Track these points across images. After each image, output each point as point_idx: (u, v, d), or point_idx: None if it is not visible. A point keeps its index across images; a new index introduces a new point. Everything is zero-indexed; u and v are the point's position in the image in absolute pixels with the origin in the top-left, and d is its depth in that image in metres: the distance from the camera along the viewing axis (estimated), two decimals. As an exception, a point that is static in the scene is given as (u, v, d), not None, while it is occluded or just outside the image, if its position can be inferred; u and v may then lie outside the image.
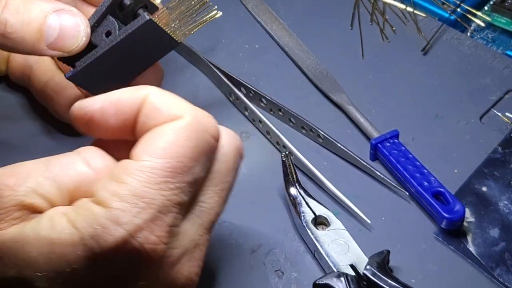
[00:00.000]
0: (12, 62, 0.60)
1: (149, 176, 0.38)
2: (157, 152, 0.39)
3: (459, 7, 0.70)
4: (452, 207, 0.52)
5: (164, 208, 0.38)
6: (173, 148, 0.39)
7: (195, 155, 0.40)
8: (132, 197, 0.38)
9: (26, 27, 0.46)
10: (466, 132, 0.60)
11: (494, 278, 0.50)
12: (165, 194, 0.38)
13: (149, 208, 0.38)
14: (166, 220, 0.39)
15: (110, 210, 0.38)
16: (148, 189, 0.38)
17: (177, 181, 0.39)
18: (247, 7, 0.71)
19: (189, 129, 0.40)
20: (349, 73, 0.65)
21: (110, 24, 0.49)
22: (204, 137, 0.41)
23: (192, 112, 0.41)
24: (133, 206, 0.38)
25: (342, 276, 0.48)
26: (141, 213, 0.38)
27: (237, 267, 0.52)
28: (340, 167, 0.57)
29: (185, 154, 0.39)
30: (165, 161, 0.39)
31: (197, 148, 0.40)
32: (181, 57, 0.67)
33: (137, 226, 0.38)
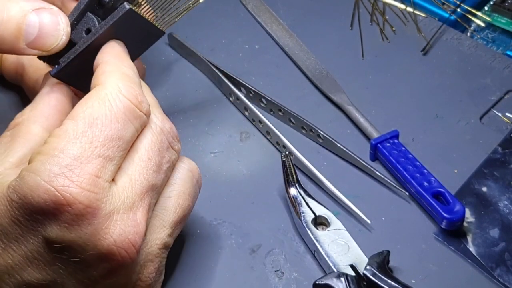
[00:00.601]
0: (5, 61, 0.60)
1: (67, 133, 0.41)
2: (74, 116, 0.42)
3: (459, 7, 0.70)
4: (452, 207, 0.52)
5: (82, 158, 0.41)
6: (89, 108, 0.43)
7: (111, 113, 0.43)
8: (50, 150, 0.41)
9: (4, 25, 0.46)
10: (466, 132, 0.60)
11: (494, 278, 0.50)
12: (82, 145, 0.41)
13: (64, 156, 0.41)
14: (86, 169, 0.41)
15: (31, 164, 0.41)
16: (65, 142, 0.41)
17: (94, 134, 0.42)
18: (247, 7, 0.71)
19: (105, 92, 0.43)
20: (349, 73, 0.65)
21: (90, 21, 0.48)
22: (121, 99, 0.43)
23: (112, 80, 0.44)
24: (49, 157, 0.41)
25: (342, 276, 0.48)
26: (56, 161, 0.40)
27: (237, 267, 0.52)
28: (340, 167, 0.57)
29: (100, 113, 0.42)
30: (81, 120, 0.42)
31: (113, 107, 0.43)
32: (181, 57, 0.67)
33: (50, 172, 0.40)
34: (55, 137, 0.42)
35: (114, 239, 0.41)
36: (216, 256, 0.52)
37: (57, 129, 0.42)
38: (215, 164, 0.58)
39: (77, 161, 0.41)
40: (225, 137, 0.60)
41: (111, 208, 0.41)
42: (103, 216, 0.41)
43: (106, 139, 0.42)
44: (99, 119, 0.42)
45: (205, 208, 0.55)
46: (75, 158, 0.41)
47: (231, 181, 0.57)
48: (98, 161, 0.41)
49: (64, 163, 0.40)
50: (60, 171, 0.40)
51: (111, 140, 0.42)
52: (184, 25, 0.69)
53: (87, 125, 0.42)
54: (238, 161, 0.58)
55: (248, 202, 0.56)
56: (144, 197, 0.43)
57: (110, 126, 0.42)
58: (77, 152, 0.41)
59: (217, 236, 0.53)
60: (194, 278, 0.51)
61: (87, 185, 0.40)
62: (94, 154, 0.41)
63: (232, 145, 0.60)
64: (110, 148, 0.42)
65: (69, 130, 0.42)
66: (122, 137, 0.43)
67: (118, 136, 0.42)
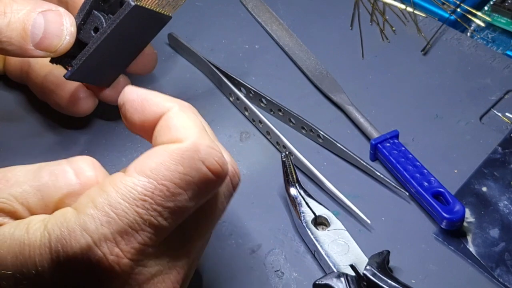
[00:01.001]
0: (9, 60, 0.60)
1: (129, 190, 0.38)
2: (144, 171, 0.38)
3: (459, 7, 0.70)
4: (452, 207, 0.52)
5: (136, 225, 0.38)
6: (160, 170, 0.38)
7: (182, 183, 0.38)
8: (105, 206, 0.38)
9: (11, 26, 0.47)
10: (466, 132, 0.60)
11: (494, 278, 0.50)
12: (139, 211, 0.38)
13: (119, 221, 0.37)
14: (136, 237, 0.38)
15: (81, 216, 0.38)
16: (124, 202, 0.38)
17: (156, 203, 0.38)
18: (247, 7, 0.71)
19: (183, 154, 0.38)
20: (349, 73, 0.65)
21: (96, 20, 0.49)
22: (198, 167, 0.39)
23: (194, 139, 0.39)
24: (104, 215, 0.37)
25: (342, 276, 0.48)
26: (110, 223, 0.37)
27: (237, 267, 0.52)
28: (340, 167, 0.57)
29: (171, 179, 0.38)
30: (147, 180, 0.38)
31: (186, 176, 0.38)
32: (181, 57, 0.67)
33: (102, 235, 0.37)
34: (114, 187, 0.38)
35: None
36: (216, 256, 0.52)
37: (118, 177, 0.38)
38: (215, 164, 0.58)
39: (131, 227, 0.38)
40: (225, 137, 0.60)
41: (154, 271, 0.39)
42: (144, 280, 0.39)
43: (168, 211, 0.38)
44: (170, 186, 0.38)
45: (205, 208, 0.55)
46: (129, 224, 0.38)
47: (231, 181, 0.57)
48: (151, 230, 0.38)
49: (116, 227, 0.37)
50: (112, 237, 0.37)
51: (172, 213, 0.38)
52: (184, 25, 0.69)
53: (151, 190, 0.38)
54: (238, 161, 0.58)
55: (248, 202, 0.56)
56: (190, 254, 0.41)
57: (177, 198, 0.38)
58: (132, 217, 0.38)
59: (217, 236, 0.53)
60: (194, 278, 0.51)
61: (136, 255, 0.38)
62: (149, 224, 0.38)
63: (232, 145, 0.60)
64: (166, 219, 0.38)
65: (130, 187, 0.38)
66: (186, 209, 0.39)
67: (182, 207, 0.39)
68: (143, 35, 0.53)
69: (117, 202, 0.38)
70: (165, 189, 0.38)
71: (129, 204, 0.38)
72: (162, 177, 0.38)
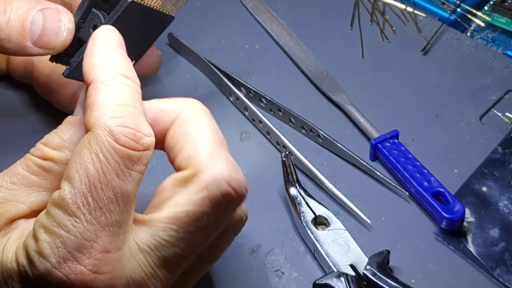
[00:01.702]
0: (13, 59, 0.60)
1: (68, 203, 0.38)
2: (70, 176, 0.38)
3: (459, 7, 0.70)
4: (452, 207, 0.52)
5: (90, 234, 0.37)
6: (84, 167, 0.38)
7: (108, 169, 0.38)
8: (55, 227, 0.38)
9: (11, 24, 0.47)
10: (466, 132, 0.60)
11: (494, 278, 0.50)
12: (87, 218, 0.37)
13: (72, 237, 0.37)
14: (95, 247, 0.37)
15: (37, 243, 0.38)
16: (69, 217, 0.37)
17: (96, 201, 0.38)
18: (247, 7, 0.71)
19: (96, 143, 0.38)
20: (349, 73, 0.65)
21: (95, 18, 0.48)
22: (115, 148, 0.38)
23: (102, 122, 0.39)
24: (56, 237, 0.37)
25: (342, 276, 0.48)
26: (65, 243, 0.37)
27: (237, 267, 0.52)
28: (340, 167, 0.57)
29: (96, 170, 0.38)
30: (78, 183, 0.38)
31: (108, 160, 0.38)
32: (181, 57, 0.67)
33: (59, 257, 0.37)
34: (57, 207, 0.38)
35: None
36: (216, 256, 0.52)
37: (57, 196, 0.38)
38: (215, 164, 0.58)
39: (85, 240, 0.37)
40: (225, 137, 0.60)
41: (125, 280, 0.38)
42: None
43: (109, 202, 0.38)
44: (96, 179, 0.38)
45: (205, 208, 0.54)
46: (82, 236, 0.37)
47: (231, 181, 0.57)
48: (107, 232, 0.38)
49: (71, 245, 0.37)
50: (70, 256, 0.37)
51: (114, 201, 0.38)
52: (184, 25, 0.69)
53: (86, 190, 0.37)
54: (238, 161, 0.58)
55: (248, 202, 0.55)
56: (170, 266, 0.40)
57: (109, 185, 0.38)
58: (82, 229, 0.37)
59: (217, 236, 0.53)
60: (194, 278, 0.51)
61: (100, 266, 0.37)
62: (101, 225, 0.37)
63: (232, 145, 0.60)
64: (115, 211, 0.38)
65: (69, 200, 0.38)
66: (125, 191, 0.38)
67: (121, 192, 0.38)
68: (144, 35, 0.52)
69: (64, 219, 0.37)
70: (97, 182, 0.38)
71: (75, 217, 0.37)
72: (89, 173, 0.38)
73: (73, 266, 0.37)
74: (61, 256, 0.37)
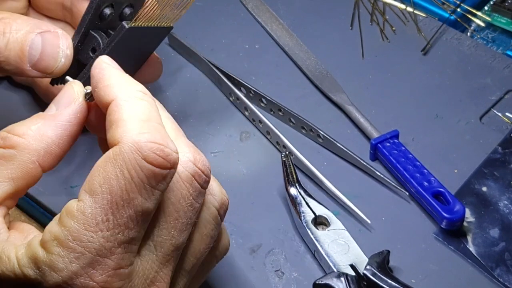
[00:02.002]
0: None
1: (87, 217, 0.37)
2: (94, 190, 0.37)
3: (459, 7, 0.70)
4: (452, 207, 0.52)
5: (105, 251, 0.37)
6: (107, 182, 0.37)
7: (132, 187, 0.37)
8: (70, 241, 0.37)
9: (10, 46, 0.47)
10: (466, 132, 0.60)
11: (494, 278, 0.50)
12: (104, 235, 0.37)
13: (87, 253, 0.37)
14: (109, 264, 0.37)
15: (49, 255, 0.37)
16: (86, 231, 0.37)
17: (116, 218, 0.37)
18: (247, 7, 0.71)
19: (124, 159, 0.37)
20: (349, 73, 0.65)
21: (93, 40, 0.49)
22: (142, 165, 0.37)
23: (133, 137, 0.37)
24: (71, 251, 0.37)
25: (342, 276, 0.48)
26: (79, 258, 0.37)
27: (237, 267, 0.52)
28: (340, 167, 0.57)
29: (120, 187, 0.37)
30: (100, 198, 0.37)
31: (134, 179, 0.37)
32: (181, 57, 0.67)
33: (72, 273, 0.37)
34: (73, 219, 0.37)
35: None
36: (216, 256, 0.52)
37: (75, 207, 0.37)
38: (215, 164, 0.58)
39: (99, 256, 0.37)
40: (225, 137, 0.60)
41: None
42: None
43: (128, 220, 0.37)
44: (119, 196, 0.37)
45: (205, 208, 0.55)
46: (97, 253, 0.37)
47: (231, 181, 0.57)
48: (122, 249, 0.37)
49: (85, 261, 0.37)
50: (83, 271, 0.37)
51: (134, 219, 0.37)
52: (184, 25, 0.69)
53: (107, 206, 0.37)
54: (238, 161, 0.58)
55: (248, 202, 0.56)
56: (168, 263, 0.40)
57: (131, 203, 0.37)
58: (98, 245, 0.37)
59: (217, 236, 0.53)
60: (194, 278, 0.51)
61: (111, 283, 0.37)
62: (118, 242, 0.37)
63: (232, 145, 0.60)
64: (133, 229, 0.37)
65: (88, 214, 0.37)
66: (146, 210, 0.37)
67: (142, 211, 0.37)
68: (144, 48, 0.52)
69: (80, 233, 0.37)
70: (119, 199, 0.37)
71: (93, 232, 0.37)
72: (111, 188, 0.37)
73: (85, 282, 0.37)
74: (74, 271, 0.37)
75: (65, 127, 0.42)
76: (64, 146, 0.42)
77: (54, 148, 0.41)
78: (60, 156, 0.42)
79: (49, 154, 0.41)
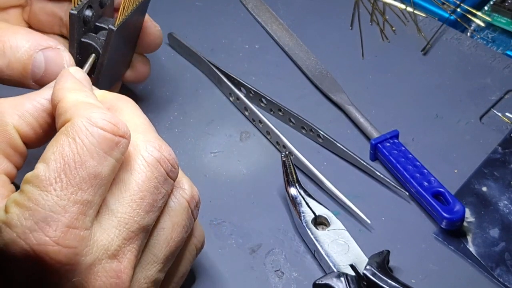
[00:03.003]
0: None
1: (41, 179, 0.38)
2: (45, 158, 0.39)
3: (459, 7, 0.70)
4: (452, 207, 0.52)
5: (59, 208, 0.38)
6: (59, 150, 0.39)
7: (83, 151, 0.39)
8: (25, 201, 0.38)
9: (12, 66, 0.47)
10: (466, 132, 0.60)
11: (494, 278, 0.50)
12: (58, 194, 0.38)
13: (41, 209, 0.38)
14: (62, 220, 0.38)
15: (6, 215, 0.38)
16: (40, 191, 0.38)
17: (69, 178, 0.38)
18: (247, 7, 0.71)
19: (74, 128, 0.39)
20: (349, 73, 0.65)
21: (89, 47, 0.51)
22: (92, 131, 0.39)
23: (81, 113, 0.40)
24: (26, 210, 0.38)
25: (342, 276, 0.48)
26: (33, 215, 0.38)
27: (237, 267, 0.52)
28: (340, 167, 0.57)
29: (72, 151, 0.39)
30: (53, 162, 0.38)
31: (85, 143, 0.39)
32: (181, 57, 0.67)
33: (26, 228, 0.37)
34: (30, 184, 0.39)
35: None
36: (216, 256, 0.52)
37: (30, 174, 0.39)
38: (215, 164, 0.58)
39: (53, 212, 0.38)
40: (225, 137, 0.60)
41: (92, 259, 0.39)
42: (83, 270, 0.38)
43: (81, 181, 0.38)
44: (71, 159, 0.38)
45: (205, 208, 0.54)
46: (50, 209, 0.38)
47: (231, 181, 0.57)
48: (76, 209, 0.38)
49: (39, 216, 0.38)
50: (36, 227, 0.37)
51: (87, 181, 0.39)
52: (184, 25, 0.69)
53: (60, 168, 0.38)
54: (238, 161, 0.58)
55: (248, 202, 0.56)
56: (132, 241, 0.40)
57: (83, 165, 0.38)
58: (52, 202, 0.38)
59: (217, 236, 0.53)
60: (194, 278, 0.51)
61: (65, 240, 0.38)
62: (71, 201, 0.38)
63: (232, 145, 0.60)
64: (87, 191, 0.39)
65: (42, 176, 0.38)
66: (99, 174, 0.39)
67: (95, 174, 0.39)
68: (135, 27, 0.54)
69: (35, 194, 0.38)
70: (71, 162, 0.38)
71: (46, 191, 0.38)
72: (65, 153, 0.39)
73: (38, 237, 0.37)
74: (27, 226, 0.37)
75: (42, 102, 0.44)
76: (41, 121, 0.44)
77: (29, 118, 0.43)
78: (38, 132, 0.44)
79: (25, 123, 0.43)
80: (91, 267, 0.39)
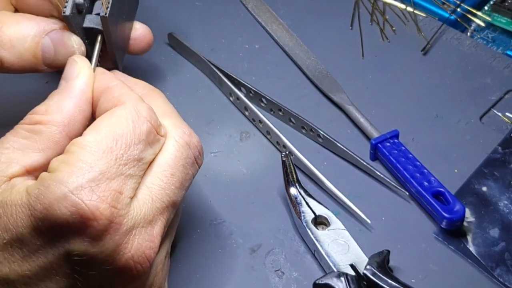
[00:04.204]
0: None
1: (92, 145, 0.41)
2: (97, 127, 0.43)
3: (459, 7, 0.70)
4: (452, 207, 0.52)
5: (108, 173, 0.41)
6: (114, 126, 0.42)
7: (135, 133, 0.43)
8: (77, 161, 0.40)
9: (23, 57, 0.49)
10: (466, 132, 0.60)
11: (494, 278, 0.50)
12: (108, 161, 0.41)
13: (92, 170, 0.40)
14: (111, 184, 0.41)
15: (56, 173, 0.40)
16: (91, 155, 0.41)
17: (118, 150, 0.42)
18: (247, 7, 0.71)
19: (129, 110, 0.43)
20: (349, 73, 0.65)
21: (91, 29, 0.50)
22: (142, 121, 0.43)
23: (133, 100, 0.44)
24: (77, 168, 0.40)
25: (342, 276, 0.48)
26: (84, 173, 0.40)
27: (237, 267, 0.52)
28: (340, 167, 0.57)
29: (122, 129, 0.42)
30: (104, 132, 0.42)
31: (135, 128, 0.43)
32: (181, 57, 0.67)
33: (78, 184, 0.40)
34: (80, 147, 0.41)
35: (132, 254, 0.41)
36: (216, 256, 0.52)
37: (81, 139, 0.42)
38: (215, 164, 0.58)
39: (103, 176, 0.40)
40: (225, 137, 0.60)
41: (132, 223, 0.41)
42: (124, 231, 0.41)
43: (129, 159, 0.42)
44: (124, 137, 0.42)
45: (205, 208, 0.55)
46: (101, 173, 0.40)
47: (231, 181, 0.57)
48: (121, 178, 0.41)
49: (90, 176, 0.40)
50: (87, 185, 0.40)
51: (133, 160, 0.42)
52: (184, 25, 0.69)
53: (113, 141, 0.42)
54: (238, 161, 0.58)
55: (248, 202, 0.56)
56: (163, 212, 0.43)
57: (134, 146, 0.42)
58: (103, 167, 0.41)
59: (217, 236, 0.53)
60: (194, 278, 0.51)
61: (112, 200, 0.40)
62: (119, 172, 0.41)
63: (232, 145, 0.60)
64: (131, 168, 0.42)
65: (93, 143, 0.41)
66: (143, 158, 0.43)
67: (140, 157, 0.43)
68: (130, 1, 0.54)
69: (86, 157, 0.41)
70: (124, 139, 0.42)
71: (97, 157, 0.41)
72: (116, 129, 0.42)
73: (89, 194, 0.40)
74: (79, 183, 0.40)
75: (79, 95, 0.46)
76: (85, 111, 0.46)
77: (76, 116, 0.45)
78: (85, 120, 0.46)
79: (73, 122, 0.45)
80: (131, 229, 0.41)
